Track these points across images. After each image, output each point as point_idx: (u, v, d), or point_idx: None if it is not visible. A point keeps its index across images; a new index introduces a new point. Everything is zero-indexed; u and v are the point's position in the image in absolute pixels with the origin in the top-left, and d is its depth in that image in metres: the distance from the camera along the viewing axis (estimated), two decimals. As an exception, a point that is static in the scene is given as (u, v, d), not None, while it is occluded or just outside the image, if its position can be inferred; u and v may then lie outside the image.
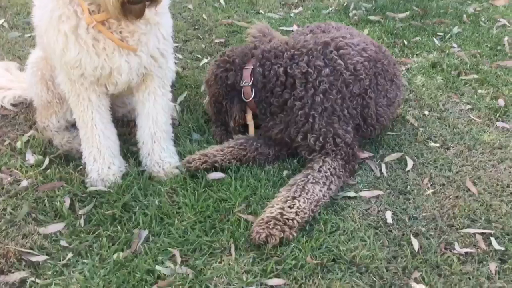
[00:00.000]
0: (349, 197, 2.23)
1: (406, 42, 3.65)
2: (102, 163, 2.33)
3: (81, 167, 2.38)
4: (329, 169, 2.20)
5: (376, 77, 2.45)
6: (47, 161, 2.40)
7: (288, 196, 2.09)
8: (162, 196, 2.23)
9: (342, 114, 2.33)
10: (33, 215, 2.11)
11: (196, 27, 3.87)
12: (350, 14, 4.06)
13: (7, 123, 2.72)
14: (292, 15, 4.11)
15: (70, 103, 2.31)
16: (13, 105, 2.81)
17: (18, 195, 2.21)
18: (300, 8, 4.22)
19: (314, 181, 2.14)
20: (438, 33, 3.80)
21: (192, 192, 2.24)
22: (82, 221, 2.09)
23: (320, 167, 2.21)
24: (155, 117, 2.38)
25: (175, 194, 2.25)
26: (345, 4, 4.24)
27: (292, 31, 3.77)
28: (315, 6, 4.24)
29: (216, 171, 2.36)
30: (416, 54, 3.53)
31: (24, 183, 2.26)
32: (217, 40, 3.66)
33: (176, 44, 3.52)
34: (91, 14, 2.00)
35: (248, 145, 2.41)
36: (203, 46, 3.58)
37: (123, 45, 2.07)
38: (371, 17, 3.98)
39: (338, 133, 2.30)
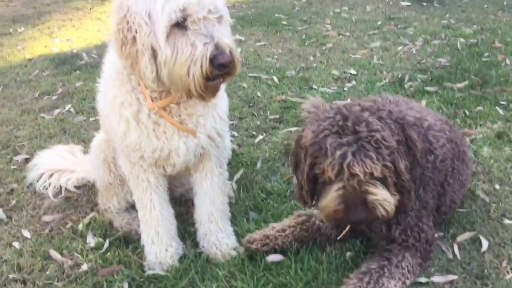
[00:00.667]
0: (421, 283, 2.05)
1: (467, 112, 3.51)
2: (160, 245, 2.31)
3: (139, 250, 2.37)
4: (407, 265, 2.03)
5: (453, 160, 2.28)
6: (107, 243, 2.41)
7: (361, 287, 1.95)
8: (219, 281, 2.15)
9: (429, 207, 2.15)
10: (92, 301, 2.09)
11: (251, 104, 3.94)
12: (406, 86, 4.01)
13: (70, 205, 2.79)
14: (345, 89, 4.12)
15: (130, 184, 2.35)
16: (76, 187, 2.89)
17: (78, 279, 2.21)
18: (354, 82, 4.23)
19: (390, 275, 1.98)
20: (501, 102, 3.65)
21: (250, 276, 2.15)
22: (139, 307, 2.04)
23: (399, 262, 2.04)
24: (212, 197, 2.37)
25: (233, 279, 2.16)
26: (399, 76, 4.21)
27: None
28: (368, 79, 4.24)
29: (275, 252, 2.27)
30: (480, 125, 3.38)
31: (84, 267, 2.27)
32: (271, 117, 3.69)
33: (232, 122, 3.58)
34: (153, 100, 2.06)
35: (310, 224, 2.30)
36: (258, 123, 3.62)
37: (183, 128, 2.11)
38: (428, 88, 3.91)
39: (423, 228, 2.11)
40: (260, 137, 3.42)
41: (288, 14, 6.35)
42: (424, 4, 6.42)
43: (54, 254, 2.35)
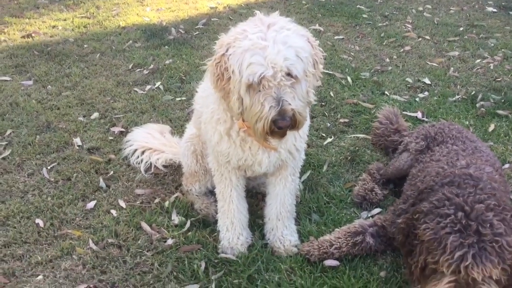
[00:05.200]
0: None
1: (534, 144, 3.60)
2: (233, 233, 2.69)
3: (215, 233, 2.76)
4: None
5: None
6: (188, 223, 2.81)
7: None
8: (281, 273, 2.50)
9: None
10: (174, 273, 2.50)
11: (323, 103, 4.18)
12: (477, 105, 4.10)
13: (157, 181, 3.21)
14: (417, 99, 4.25)
15: (214, 179, 2.71)
16: (164, 166, 3.30)
17: (164, 252, 2.63)
18: (426, 93, 4.35)
19: None
20: None
21: (309, 274, 2.49)
22: (213, 285, 2.43)
23: None
24: (283, 199, 2.71)
25: (293, 274, 2.51)
26: (472, 93, 4.28)
27: (416, 117, 3.94)
28: (441, 92, 4.33)
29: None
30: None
31: (169, 241, 2.68)
32: (341, 120, 3.92)
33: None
34: (243, 121, 2.37)
35: (365, 245, 2.58)
36: (328, 124, 3.86)
37: (266, 146, 2.41)
38: (499, 111, 3.98)
39: None
40: (329, 139, 3.68)
41: (370, 6, 6.39)
42: (511, 12, 6.26)
43: (145, 226, 2.78)
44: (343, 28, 5.72)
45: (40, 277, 2.44)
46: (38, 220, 2.76)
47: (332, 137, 3.72)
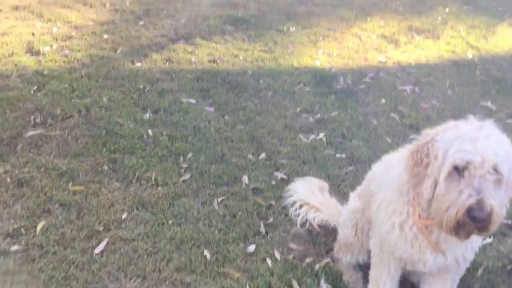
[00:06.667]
0: None
1: None
2: (377, 319, 2.78)
3: (360, 311, 2.87)
4: None
5: None
6: (336, 293, 2.96)
7: None
8: None
9: None
10: None
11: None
12: None
13: (310, 239, 3.38)
14: None
15: (372, 261, 2.81)
16: (318, 225, 3.48)
17: (310, 317, 2.81)
18: None
19: None
20: None
21: None
22: None
23: None
24: (435, 301, 2.72)
25: None
26: None
27: None
28: None
29: None
30: None
31: (316, 307, 2.86)
32: (505, 221, 3.76)
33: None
34: (420, 217, 2.44)
35: None
36: (488, 221, 3.73)
37: (436, 249, 2.46)
38: None
39: None
40: (488, 240, 3.55)
41: (552, 91, 5.98)
42: None
43: (296, 285, 2.98)
44: (517, 109, 5.44)
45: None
46: (206, 252, 3.11)
47: (492, 238, 3.59)
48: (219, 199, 3.61)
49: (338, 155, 4.32)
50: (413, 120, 4.98)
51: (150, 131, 4.22)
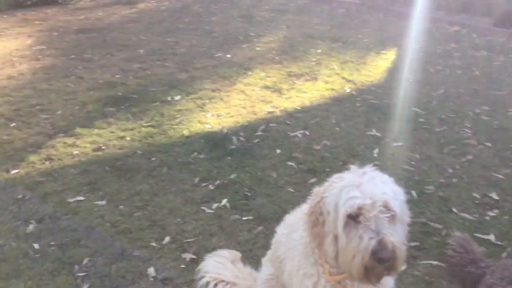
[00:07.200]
0: None
1: None
2: None
3: None
4: None
5: None
6: None
7: None
8: None
9: None
10: None
11: (391, 224, 4.13)
12: (554, 228, 3.96)
13: (232, 318, 3.21)
14: (487, 218, 4.15)
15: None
16: (237, 301, 3.31)
17: None
18: (496, 211, 4.25)
19: None
20: None
21: None
22: None
23: None
24: None
25: None
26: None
27: (489, 240, 3.83)
28: (512, 211, 4.23)
29: None
30: None
31: None
32: (412, 244, 3.85)
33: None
34: (330, 275, 2.39)
35: None
36: (399, 250, 3.80)
37: (355, 299, 2.40)
38: None
39: None
40: (402, 268, 3.60)
41: (425, 108, 6.45)
42: None
43: None
44: (400, 134, 5.76)
45: None
46: None
47: (406, 264, 3.64)
48: (126, 303, 3.30)
49: (244, 218, 4.21)
50: (309, 164, 5.06)
51: (36, 245, 3.79)
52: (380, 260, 2.07)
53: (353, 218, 2.12)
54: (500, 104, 6.59)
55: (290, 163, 5.11)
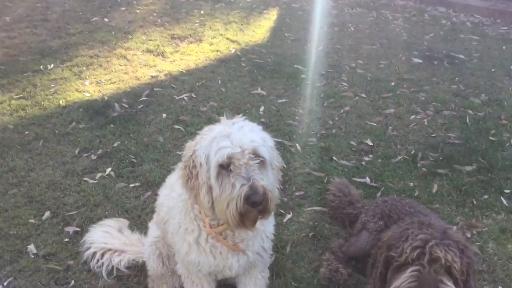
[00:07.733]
0: None
1: (474, 201, 3.88)
2: None
3: None
4: None
5: None
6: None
7: None
8: None
9: None
10: None
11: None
12: (419, 165, 4.37)
13: (121, 285, 3.13)
14: (363, 163, 4.47)
15: (184, 285, 2.71)
16: (127, 268, 3.23)
17: None
18: (371, 156, 4.58)
19: None
20: (505, 191, 4.01)
21: None
22: None
23: None
24: (254, 296, 2.75)
25: None
26: (412, 152, 4.57)
27: (365, 183, 4.13)
28: (384, 154, 4.58)
29: None
30: (486, 215, 3.74)
31: None
32: (297, 193, 4.03)
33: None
34: (211, 227, 2.42)
35: None
36: (285, 199, 3.96)
37: (235, 249, 2.47)
38: (439, 170, 4.27)
39: None
40: (288, 216, 3.77)
41: (306, 65, 6.69)
42: (435, 62, 6.79)
43: None
44: (284, 91, 5.93)
45: None
46: None
47: (291, 213, 3.81)
48: (5, 283, 3.07)
49: (132, 185, 4.09)
50: (196, 126, 5.01)
51: None
52: (253, 204, 2.13)
53: (225, 167, 2.16)
54: (373, 58, 7.05)
55: (177, 126, 5.03)
